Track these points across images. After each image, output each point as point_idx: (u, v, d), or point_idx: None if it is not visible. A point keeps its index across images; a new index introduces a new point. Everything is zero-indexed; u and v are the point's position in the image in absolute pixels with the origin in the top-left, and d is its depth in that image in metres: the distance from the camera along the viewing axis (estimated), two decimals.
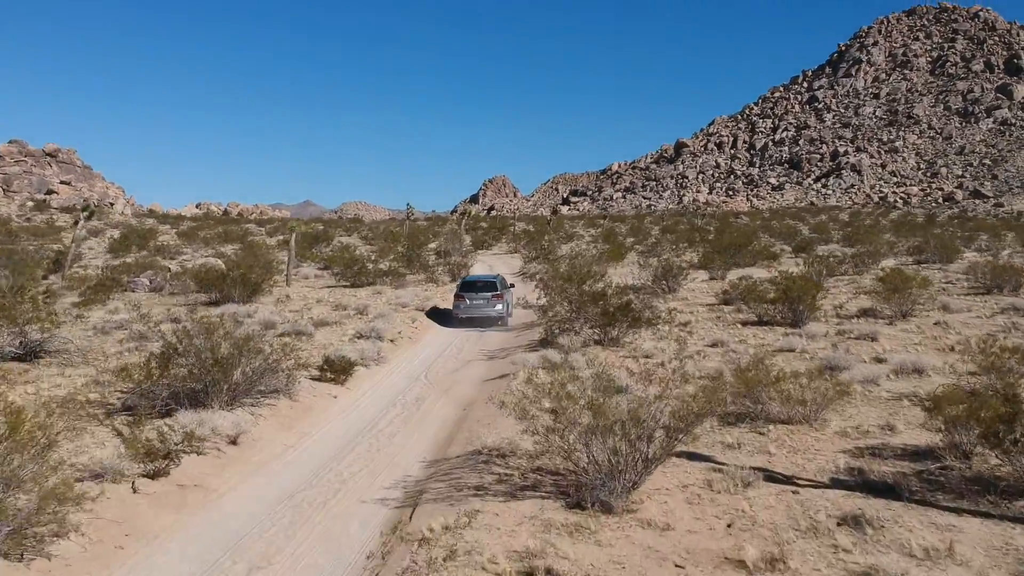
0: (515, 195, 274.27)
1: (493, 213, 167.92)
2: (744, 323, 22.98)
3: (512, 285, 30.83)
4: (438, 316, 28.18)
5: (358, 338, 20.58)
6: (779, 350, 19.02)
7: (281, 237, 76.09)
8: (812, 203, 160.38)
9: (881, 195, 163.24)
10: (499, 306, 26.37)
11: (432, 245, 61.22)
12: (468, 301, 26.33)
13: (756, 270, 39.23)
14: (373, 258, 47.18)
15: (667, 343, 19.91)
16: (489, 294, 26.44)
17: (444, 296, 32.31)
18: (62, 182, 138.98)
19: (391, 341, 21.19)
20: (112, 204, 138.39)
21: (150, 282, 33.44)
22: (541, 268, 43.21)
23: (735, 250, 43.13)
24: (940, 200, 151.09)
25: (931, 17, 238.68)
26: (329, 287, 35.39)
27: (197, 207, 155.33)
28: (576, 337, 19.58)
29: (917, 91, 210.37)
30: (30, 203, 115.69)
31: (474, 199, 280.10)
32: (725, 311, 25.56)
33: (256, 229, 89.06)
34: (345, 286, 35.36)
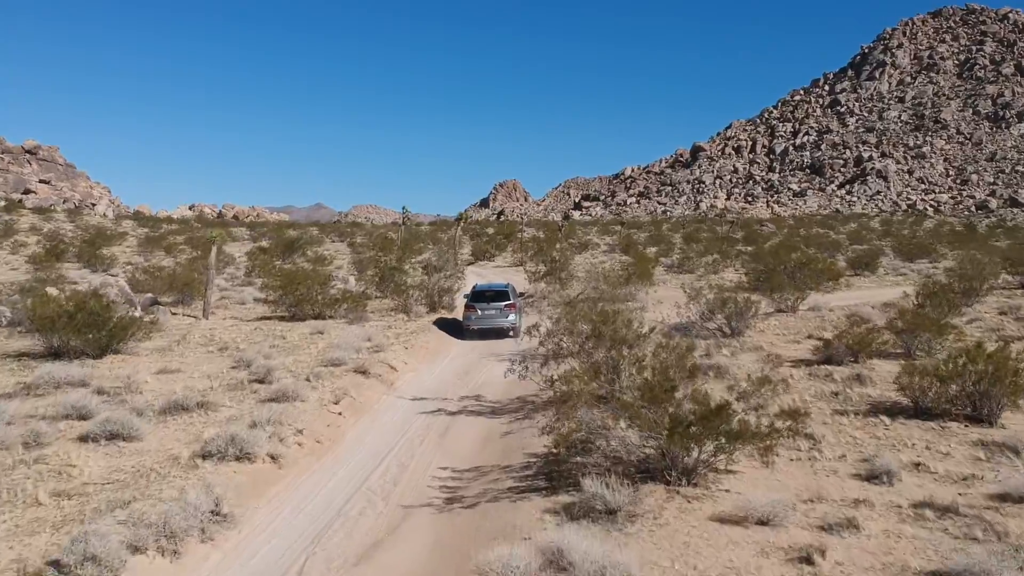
0: (526, 199, 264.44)
1: (503, 218, 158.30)
2: (888, 411, 13.65)
3: (522, 294, 29.63)
4: (447, 327, 26.01)
5: (202, 458, 10.65)
6: (995, 497, 9.77)
7: (259, 245, 66.80)
8: (837, 210, 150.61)
9: (909, 202, 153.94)
10: (511, 316, 25.17)
11: (424, 256, 51.27)
12: (479, 312, 25.08)
13: (820, 295, 29.84)
14: (342, 275, 38.09)
15: (788, 479, 10.64)
16: (501, 304, 25.24)
17: (408, 342, 22.71)
18: (41, 181, 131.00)
19: (271, 459, 11.13)
20: (94, 205, 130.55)
21: (11, 313, 24.22)
22: (547, 289, 34.02)
23: (796, 268, 33.01)
24: (973, 208, 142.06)
25: (958, 19, 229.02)
26: (262, 319, 26.12)
27: (190, 208, 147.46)
28: (613, 474, 9.87)
29: (944, 95, 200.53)
30: (2, 203, 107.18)
31: (484, 203, 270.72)
32: (837, 379, 16.09)
33: (243, 234, 79.48)
34: (282, 318, 26.06)
